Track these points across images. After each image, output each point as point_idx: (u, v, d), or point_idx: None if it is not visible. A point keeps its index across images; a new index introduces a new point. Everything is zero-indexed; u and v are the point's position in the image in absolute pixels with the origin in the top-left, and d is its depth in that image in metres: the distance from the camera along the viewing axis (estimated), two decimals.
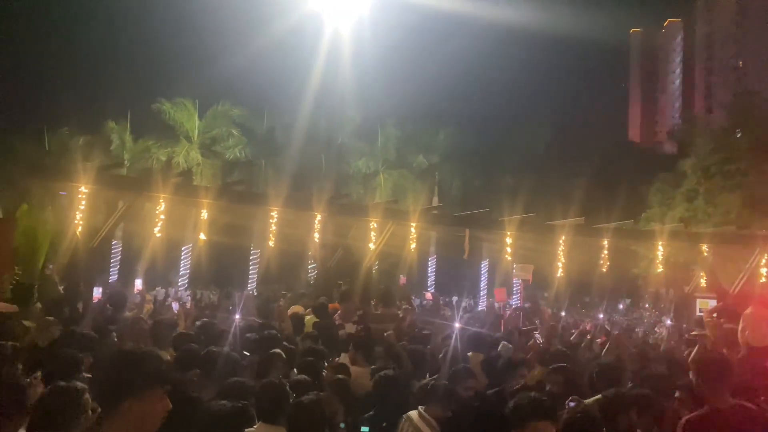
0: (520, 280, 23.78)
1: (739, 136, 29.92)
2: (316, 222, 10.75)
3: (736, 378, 6.60)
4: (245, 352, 5.91)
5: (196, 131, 27.72)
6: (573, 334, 9.81)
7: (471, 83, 31.47)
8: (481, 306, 25.08)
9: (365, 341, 6.91)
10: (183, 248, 21.18)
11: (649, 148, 52.01)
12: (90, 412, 2.97)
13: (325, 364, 5.95)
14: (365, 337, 7.39)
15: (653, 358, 8.12)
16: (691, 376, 4.47)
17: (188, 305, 10.39)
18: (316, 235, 10.77)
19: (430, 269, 31.17)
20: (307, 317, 9.06)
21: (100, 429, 2.18)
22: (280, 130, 29.87)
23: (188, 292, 19.65)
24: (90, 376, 4.50)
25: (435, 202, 30.65)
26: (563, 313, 15.90)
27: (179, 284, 21.54)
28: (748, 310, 10.59)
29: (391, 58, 30.78)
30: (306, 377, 4.99)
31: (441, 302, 26.63)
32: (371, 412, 4.88)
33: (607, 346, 7.95)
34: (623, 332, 11.81)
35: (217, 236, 13.92)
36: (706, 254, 12.48)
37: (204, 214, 11.43)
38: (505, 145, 32.43)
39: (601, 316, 23.54)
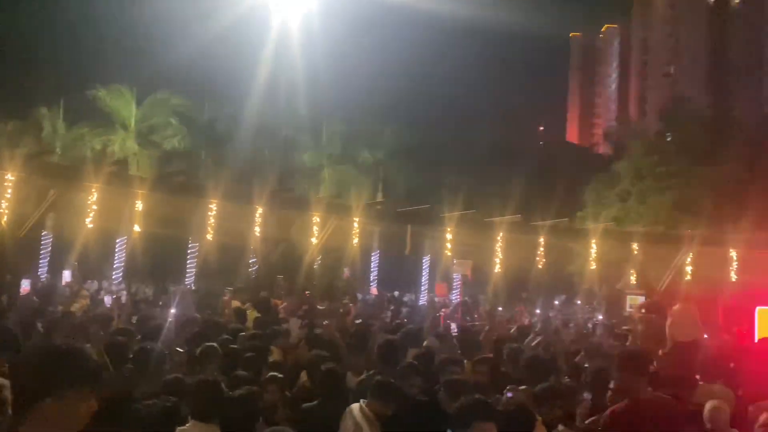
0: (459, 275, 24.26)
1: (669, 140, 31.35)
2: (257, 215, 10.61)
3: (664, 371, 6.96)
4: (178, 348, 5.79)
5: (133, 119, 26.83)
6: (511, 329, 10.08)
7: (417, 80, 31.80)
8: (422, 301, 25.40)
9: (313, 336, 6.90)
10: (118, 240, 20.48)
11: (586, 149, 53.75)
12: (10, 409, 2.84)
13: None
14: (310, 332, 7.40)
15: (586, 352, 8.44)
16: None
17: (123, 299, 10.07)
18: (257, 229, 10.62)
19: (373, 264, 31.27)
20: (249, 312, 8.96)
21: (18, 430, 2.03)
22: (222, 121, 29.25)
23: (123, 286, 19.04)
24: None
25: (380, 198, 30.77)
26: (500, 309, 16.27)
27: (113, 277, 20.82)
28: (675, 307, 11.12)
29: (339, 53, 30.70)
30: (245, 373, 4.94)
31: (385, 297, 26.83)
32: (313, 403, 4.86)
33: (537, 339, 8.21)
34: (559, 327, 12.25)
35: (153, 228, 13.53)
36: (636, 252, 13.02)
37: (139, 205, 11.09)
38: (450, 142, 32.87)
39: (539, 311, 24.27)
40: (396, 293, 31.02)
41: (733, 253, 12.68)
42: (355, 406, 4.51)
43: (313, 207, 11.11)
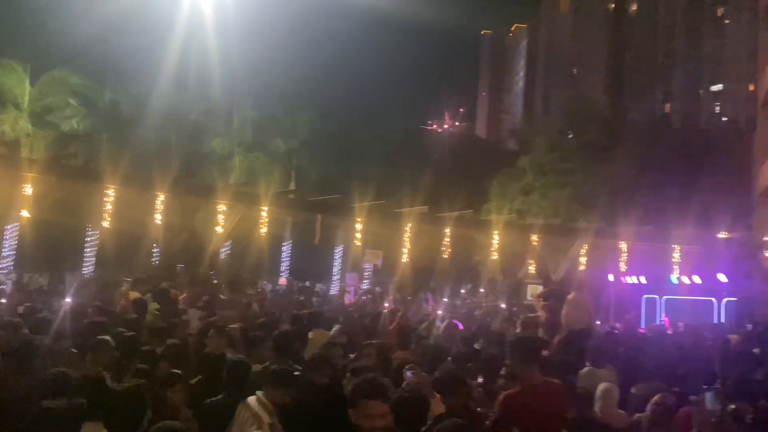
0: (371, 265, 24.50)
1: (570, 137, 32.99)
2: (159, 202, 10.18)
3: (556, 356, 7.35)
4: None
5: (27, 98, 24.99)
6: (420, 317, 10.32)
7: (332, 71, 31.57)
8: (333, 291, 25.43)
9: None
10: (8, 226, 19.07)
11: (494, 144, 55.58)
12: None
13: None
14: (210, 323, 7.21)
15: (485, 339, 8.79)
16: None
17: (8, 289, 9.41)
18: (158, 217, 10.20)
19: (284, 254, 30.91)
20: (152, 304, 8.60)
21: None
22: (126, 103, 27.78)
23: (12, 275, 17.77)
24: None
25: (292, 187, 30.38)
26: (409, 298, 16.56)
27: (2, 266, 19.39)
28: (570, 295, 11.75)
29: (253, 38, 29.85)
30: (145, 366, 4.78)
31: (295, 287, 26.58)
32: (218, 396, 4.74)
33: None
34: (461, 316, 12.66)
35: (47, 214, 12.70)
36: (535, 243, 13.63)
37: (28, 190, 10.37)
38: (362, 133, 32.88)
39: (446, 300, 24.92)
40: (307, 283, 30.92)
41: (623, 245, 13.54)
42: (251, 398, 4.46)
43: (219, 195, 10.79)
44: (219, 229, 10.62)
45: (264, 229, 10.96)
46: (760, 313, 11.60)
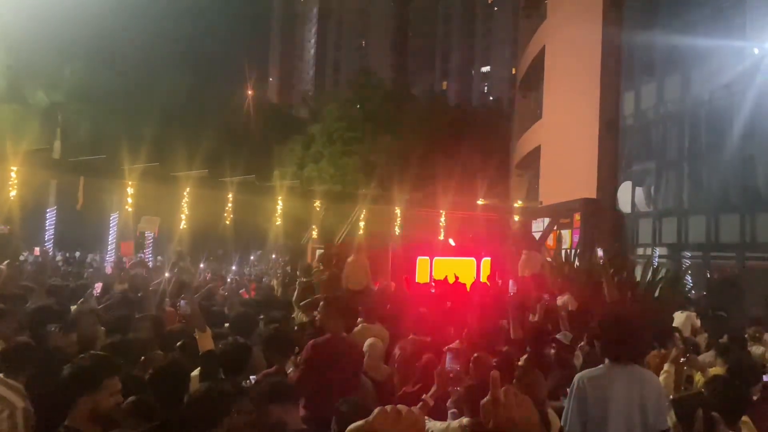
0: (152, 234, 23.00)
1: (358, 107, 34.17)
2: None
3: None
4: None
5: None
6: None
7: (109, 17, 28.32)
8: (108, 261, 23.46)
9: None
10: None
11: (286, 110, 55.30)
12: None
13: None
14: None
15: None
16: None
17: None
18: None
19: (48, 221, 27.72)
20: None
21: None
22: None
23: None
24: None
25: (57, 146, 27.14)
26: (202, 266, 16.00)
27: None
28: (350, 258, 12.30)
29: None
30: None
31: (58, 258, 24.01)
32: None
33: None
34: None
35: None
36: (318, 209, 13.98)
37: None
38: (141, 91, 30.36)
39: (234, 267, 24.48)
40: (77, 253, 28.10)
41: (398, 211, 14.46)
42: None
43: None
44: None
45: (14, 192, 9.63)
46: (510, 270, 13.24)
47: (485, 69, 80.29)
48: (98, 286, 10.11)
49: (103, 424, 3.24)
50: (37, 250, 19.56)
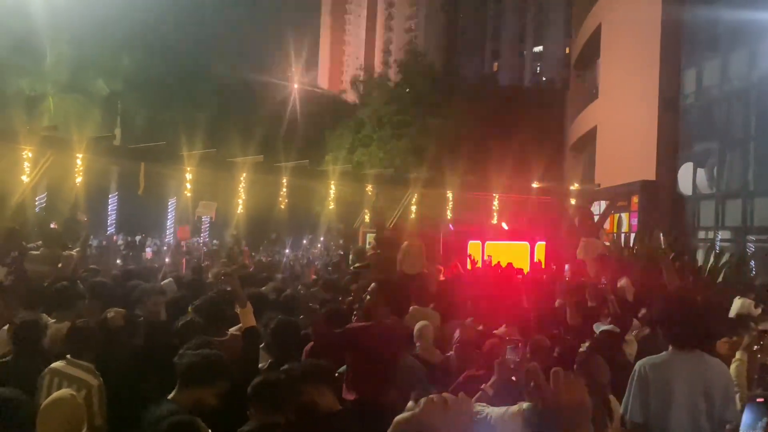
0: (208, 218, 23.62)
1: (407, 91, 33.98)
2: None
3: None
4: None
5: None
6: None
7: (163, 7, 29.00)
8: (166, 245, 24.24)
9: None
10: None
11: (335, 95, 55.51)
12: None
13: None
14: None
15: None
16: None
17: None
18: None
19: (111, 207, 28.78)
20: None
21: None
22: None
23: None
24: None
25: (118, 134, 28.07)
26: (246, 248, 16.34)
27: None
28: (404, 243, 12.32)
29: None
30: None
31: (120, 242, 24.93)
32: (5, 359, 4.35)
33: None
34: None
35: None
36: (370, 193, 14.02)
37: None
38: (196, 78, 31.01)
39: (288, 251, 24.94)
40: (138, 237, 29.18)
41: (450, 194, 14.36)
42: (57, 364, 4.20)
43: (23, 140, 9.61)
44: (24, 179, 9.51)
45: (79, 179, 10.02)
46: (566, 254, 12.99)
47: (537, 49, 78.47)
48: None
49: (200, 413, 3.37)
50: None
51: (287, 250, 25.18)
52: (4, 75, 25.79)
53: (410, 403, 1.46)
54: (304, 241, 33.02)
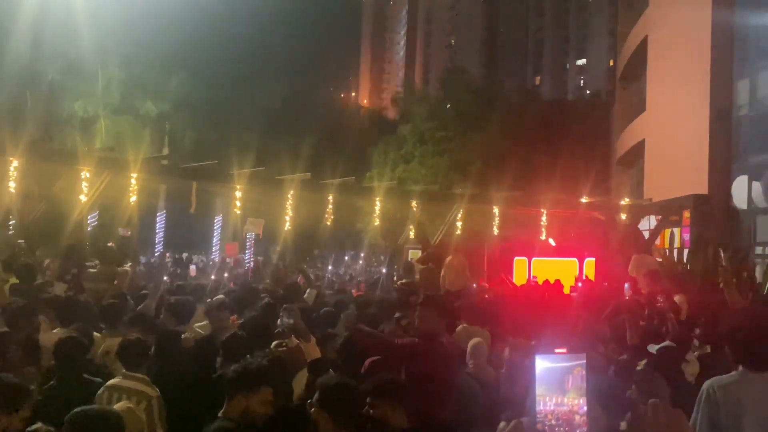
0: (252, 235, 23.94)
1: (448, 107, 33.95)
2: (12, 169, 9.25)
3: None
4: None
5: None
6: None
7: (208, 30, 29.91)
8: (212, 262, 24.68)
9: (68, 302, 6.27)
10: None
11: (376, 112, 55.99)
12: None
13: None
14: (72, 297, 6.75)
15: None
16: None
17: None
18: (12, 185, 9.27)
19: (159, 224, 29.47)
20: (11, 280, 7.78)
21: None
22: None
23: None
24: None
25: (165, 153, 28.82)
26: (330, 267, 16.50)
27: None
28: (448, 259, 12.25)
29: None
30: None
31: (171, 259, 25.46)
32: (52, 382, 4.37)
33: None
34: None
35: None
36: (415, 209, 14.00)
37: None
38: (241, 98, 31.72)
39: (330, 268, 25.07)
40: (185, 254, 29.77)
41: (496, 210, 14.22)
42: (114, 380, 4.28)
43: (82, 160, 9.97)
44: (83, 198, 9.84)
45: (134, 198, 10.31)
46: (617, 272, 12.67)
47: (581, 62, 77.55)
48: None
49: (250, 424, 3.44)
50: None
51: (329, 267, 25.31)
52: (59, 98, 26.86)
53: (502, 424, 1.42)
54: (346, 258, 33.14)
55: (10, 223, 13.87)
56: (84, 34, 25.74)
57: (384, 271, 16.61)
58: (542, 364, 2.92)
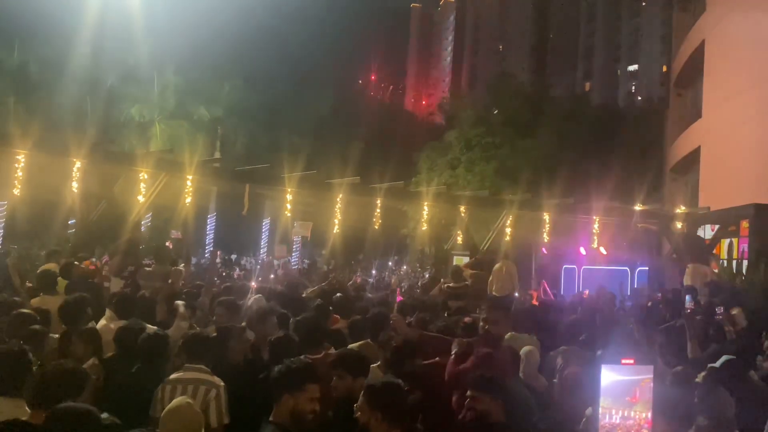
0: (299, 237, 24.23)
1: (495, 112, 33.66)
2: (75, 170, 9.62)
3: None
4: None
5: None
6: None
7: (259, 38, 30.61)
8: (259, 263, 25.03)
9: (126, 298, 6.48)
10: None
11: (422, 118, 56.00)
12: None
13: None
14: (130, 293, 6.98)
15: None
16: None
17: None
18: (75, 185, 9.64)
19: (209, 226, 30.12)
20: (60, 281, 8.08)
21: None
22: (35, 66, 26.00)
23: None
24: None
25: (217, 157, 29.50)
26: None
27: None
28: (497, 266, 12.14)
29: (175, 0, 28.37)
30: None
31: (218, 260, 25.98)
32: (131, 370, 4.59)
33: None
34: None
35: None
36: (463, 215, 13.92)
37: None
38: (291, 103, 32.26)
39: (374, 272, 25.12)
40: (234, 256, 30.31)
41: (546, 217, 14.03)
42: (176, 375, 4.40)
43: (140, 162, 10.30)
44: (140, 198, 10.16)
45: (189, 199, 10.59)
46: (670, 281, 12.33)
47: (632, 67, 75.75)
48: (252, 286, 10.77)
49: (300, 424, 3.47)
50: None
51: (373, 271, 25.36)
52: (117, 103, 27.83)
53: (589, 409, 1.41)
54: (390, 263, 33.13)
55: (71, 221, 14.42)
56: (141, 42, 26.69)
57: (427, 276, 16.54)
58: (609, 375, 2.84)
